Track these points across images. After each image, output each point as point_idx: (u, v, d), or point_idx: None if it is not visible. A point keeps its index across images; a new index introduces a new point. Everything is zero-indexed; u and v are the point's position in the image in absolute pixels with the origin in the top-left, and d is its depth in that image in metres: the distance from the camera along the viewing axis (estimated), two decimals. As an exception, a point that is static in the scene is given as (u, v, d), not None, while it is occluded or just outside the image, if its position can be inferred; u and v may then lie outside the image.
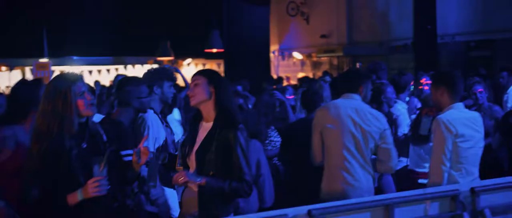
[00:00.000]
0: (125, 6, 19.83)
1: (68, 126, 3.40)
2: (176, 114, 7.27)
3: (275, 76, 19.96)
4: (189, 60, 24.04)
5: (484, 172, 4.61)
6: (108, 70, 21.56)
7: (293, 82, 18.82)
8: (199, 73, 3.85)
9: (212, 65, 24.34)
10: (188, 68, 24.41)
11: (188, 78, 6.09)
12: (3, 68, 20.03)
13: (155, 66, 23.16)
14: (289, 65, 23.85)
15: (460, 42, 17.70)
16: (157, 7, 20.11)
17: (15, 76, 20.42)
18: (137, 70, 22.66)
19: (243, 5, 17.40)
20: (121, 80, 5.09)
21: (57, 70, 20.02)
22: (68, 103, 3.39)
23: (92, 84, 14.46)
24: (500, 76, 8.66)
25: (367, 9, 20.79)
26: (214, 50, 16.96)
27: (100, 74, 21.17)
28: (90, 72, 21.43)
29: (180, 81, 9.10)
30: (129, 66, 22.45)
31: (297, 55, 23.19)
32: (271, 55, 21.58)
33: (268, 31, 18.97)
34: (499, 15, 16.24)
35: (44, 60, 17.56)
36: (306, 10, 22.97)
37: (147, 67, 23.14)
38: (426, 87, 7.23)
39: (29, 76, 17.28)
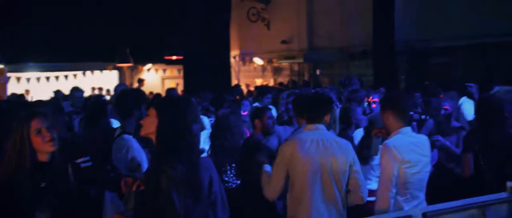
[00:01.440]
0: (84, 11, 19.53)
1: (24, 162, 3.42)
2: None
3: (235, 81, 19.93)
4: (149, 65, 23.84)
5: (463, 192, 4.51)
6: (66, 77, 21.23)
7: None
8: (155, 104, 3.66)
9: (172, 70, 24.16)
10: (149, 74, 24.22)
11: (150, 83, 5.98)
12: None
13: (115, 72, 22.99)
14: (250, 71, 23.85)
15: (419, 49, 17.89)
16: (116, 13, 19.88)
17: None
18: (96, 77, 22.39)
19: (203, 11, 17.29)
20: None
21: (13, 76, 19.69)
22: (23, 141, 3.44)
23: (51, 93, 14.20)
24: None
25: (327, 15, 20.87)
26: (174, 57, 16.83)
27: (58, 81, 20.83)
28: (48, 78, 21.09)
29: None
30: (88, 73, 22.15)
31: (258, 61, 23.18)
32: (232, 60, 21.55)
33: (229, 38, 18.91)
34: (457, 22, 16.45)
35: (-1, 66, 17.22)
36: (267, 15, 23.00)
37: (106, 73, 22.90)
38: (374, 105, 7.23)
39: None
